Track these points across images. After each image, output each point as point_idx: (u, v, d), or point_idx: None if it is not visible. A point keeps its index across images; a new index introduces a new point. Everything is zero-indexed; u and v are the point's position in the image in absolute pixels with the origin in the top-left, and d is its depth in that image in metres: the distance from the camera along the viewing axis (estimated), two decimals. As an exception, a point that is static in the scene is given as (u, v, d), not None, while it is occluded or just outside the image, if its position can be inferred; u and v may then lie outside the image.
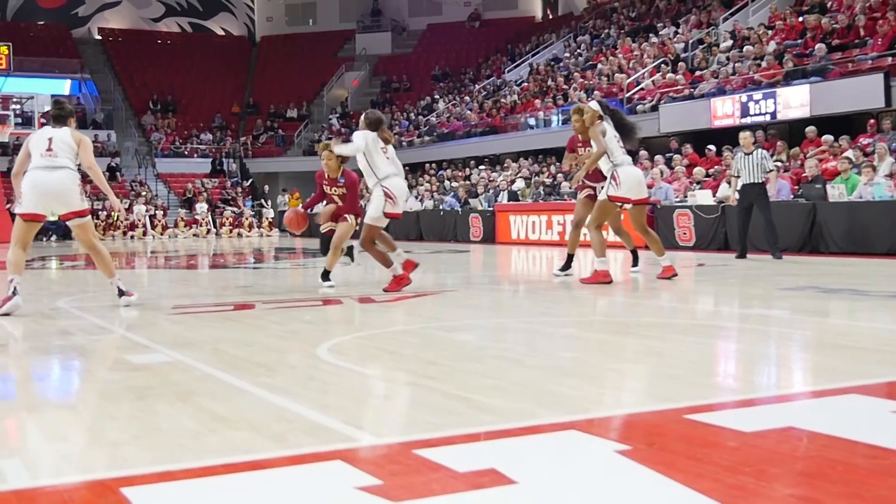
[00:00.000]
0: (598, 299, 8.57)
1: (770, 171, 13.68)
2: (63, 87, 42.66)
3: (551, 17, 42.37)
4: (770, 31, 22.79)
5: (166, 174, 38.36)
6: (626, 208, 9.99)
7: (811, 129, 18.29)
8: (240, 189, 37.88)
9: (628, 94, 24.60)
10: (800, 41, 21.48)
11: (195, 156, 40.07)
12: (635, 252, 11.55)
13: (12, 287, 7.71)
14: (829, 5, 22.23)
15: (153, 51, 45.39)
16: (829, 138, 17.40)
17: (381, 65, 45.24)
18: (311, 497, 2.66)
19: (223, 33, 49.22)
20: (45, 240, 29.35)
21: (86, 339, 6.27)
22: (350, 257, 12.80)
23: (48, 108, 37.60)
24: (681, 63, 24.23)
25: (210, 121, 41.91)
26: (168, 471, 2.89)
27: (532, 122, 28.50)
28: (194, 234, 32.82)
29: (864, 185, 14.45)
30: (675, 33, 27.02)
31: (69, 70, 41.99)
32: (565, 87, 28.25)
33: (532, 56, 35.26)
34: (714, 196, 16.62)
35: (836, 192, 14.45)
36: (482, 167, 27.96)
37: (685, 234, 16.43)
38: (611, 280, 9.69)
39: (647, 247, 10.60)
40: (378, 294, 9.03)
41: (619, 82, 25.55)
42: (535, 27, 41.40)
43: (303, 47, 45.63)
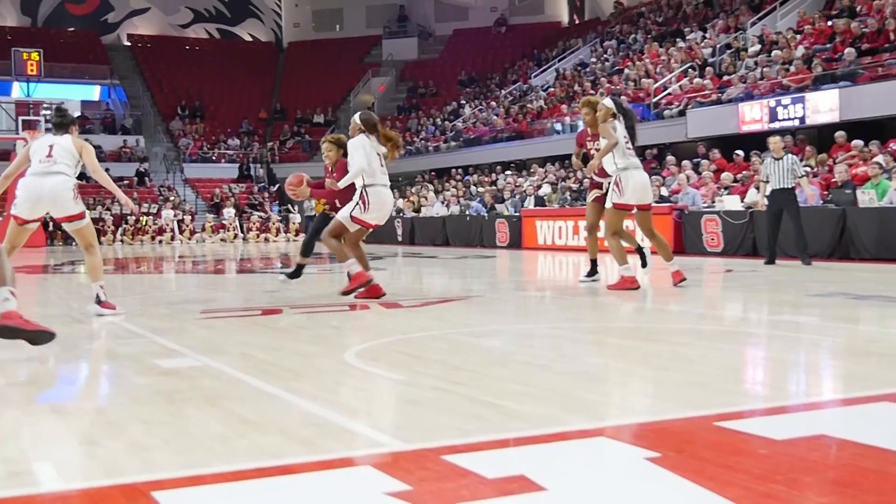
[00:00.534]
0: (624, 305, 8.53)
1: (801, 177, 13.57)
2: (92, 92, 43.05)
3: (578, 22, 42.30)
4: (798, 36, 22.64)
5: (194, 179, 38.58)
6: (631, 213, 9.84)
7: (840, 134, 18.13)
8: (267, 194, 38.07)
9: (655, 100, 24.51)
10: (829, 45, 21.32)
11: (223, 161, 40.28)
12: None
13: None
14: (858, 9, 22.05)
15: (181, 57, 45.71)
16: (858, 143, 17.25)
17: (408, 70, 45.33)
18: (341, 502, 2.67)
19: (251, 39, 49.50)
20: (74, 244, 29.59)
21: (115, 343, 6.32)
22: (298, 273, 10.79)
23: (78, 113, 37.97)
24: (708, 68, 24.11)
25: (237, 126, 42.15)
26: (198, 475, 2.91)
27: (558, 127, 28.44)
28: (222, 239, 32.99)
29: (894, 190, 14.32)
30: (703, 38, 26.90)
31: (99, 76, 42.36)
32: (592, 92, 28.16)
33: (558, 61, 35.22)
34: (742, 201, 16.53)
35: (866, 197, 14.32)
36: (508, 172, 27.94)
37: (713, 239, 16.33)
38: (638, 286, 9.58)
39: (654, 251, 10.50)
40: (405, 299, 9.03)
41: (646, 87, 25.47)
42: (561, 32, 41.34)
43: (329, 53, 45.80)
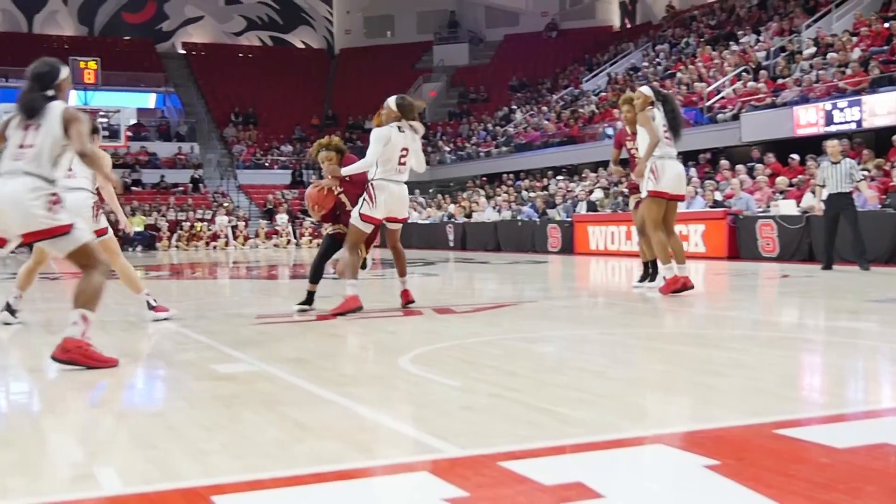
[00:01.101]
0: (679, 310, 8.46)
1: (859, 181, 13.37)
2: (148, 100, 43.68)
3: (629, 26, 42.08)
4: (855, 38, 22.30)
5: (247, 185, 38.97)
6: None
7: (899, 137, 17.84)
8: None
9: (708, 103, 24.29)
10: (886, 47, 20.98)
11: (275, 167, 40.64)
12: (648, 265, 10.56)
13: (13, 300, 7.93)
14: (916, 10, 21.71)
15: (235, 64, 46.21)
16: (917, 146, 16.97)
17: (459, 76, 45.39)
18: (399, 508, 2.68)
19: (303, 46, 49.91)
20: (130, 250, 30.01)
21: (172, 348, 6.40)
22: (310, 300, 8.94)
23: (134, 121, 38.56)
24: (762, 71, 23.83)
25: (290, 133, 42.50)
26: (257, 479, 2.94)
27: (610, 131, 28.25)
28: (275, 245, 33.25)
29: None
30: (757, 41, 26.61)
31: (154, 84, 42.99)
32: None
33: (610, 65, 35.06)
34: (798, 206, 16.32)
35: (925, 201, 14.08)
36: (560, 177, 27.85)
37: (768, 244, 16.13)
38: (692, 285, 9.33)
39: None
40: (457, 305, 9.04)
41: (699, 91, 25.24)
42: (612, 36, 41.16)
43: (381, 59, 46.03)
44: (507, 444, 3.34)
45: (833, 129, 19.46)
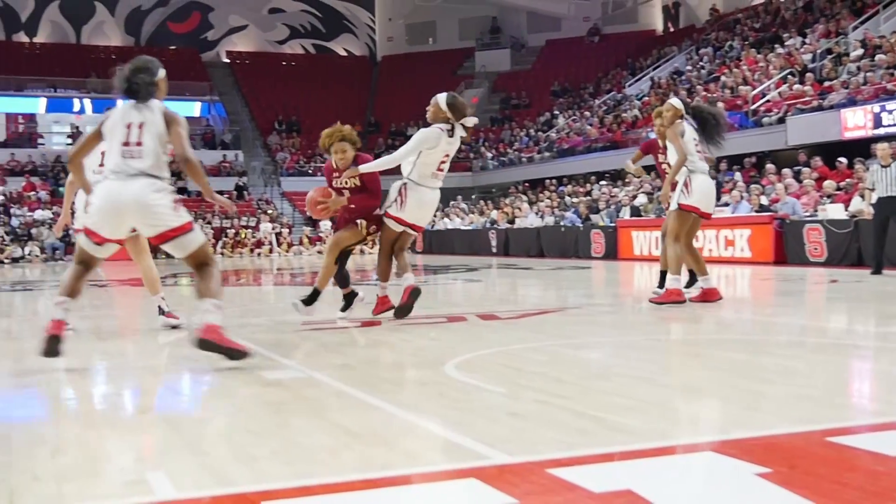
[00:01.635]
0: (726, 316, 8.39)
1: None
2: (193, 109, 44.15)
3: (672, 30, 41.85)
4: (903, 39, 22.01)
5: (291, 192, 39.22)
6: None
7: (949, 140, 17.56)
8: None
9: (753, 107, 24.08)
10: (936, 48, 20.69)
11: (319, 174, 40.81)
12: (665, 274, 9.88)
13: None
14: (967, 10, 21.37)
15: (278, 72, 46.57)
16: (968, 149, 16.67)
17: (501, 81, 45.39)
18: (448, 515, 2.68)
19: (345, 54, 50.18)
20: (165, 256, 30.31)
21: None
22: (348, 302, 8.60)
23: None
24: (808, 74, 23.59)
25: (333, 140, 42.68)
26: (307, 486, 2.95)
27: (654, 136, 28.13)
28: (319, 251, 33.42)
29: None
30: (802, 43, 26.34)
31: (199, 93, 43.42)
32: (688, 100, 27.80)
33: (653, 70, 34.88)
34: (846, 210, 16.11)
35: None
36: (603, 182, 27.75)
37: (816, 249, 15.94)
38: (684, 300, 8.94)
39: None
40: (502, 311, 9.02)
41: (744, 94, 25.03)
42: (655, 40, 40.94)
43: (423, 66, 46.15)
44: (555, 450, 3.33)
45: (882, 131, 19.21)
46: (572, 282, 14.69)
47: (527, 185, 33.13)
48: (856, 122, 20.27)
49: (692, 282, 10.13)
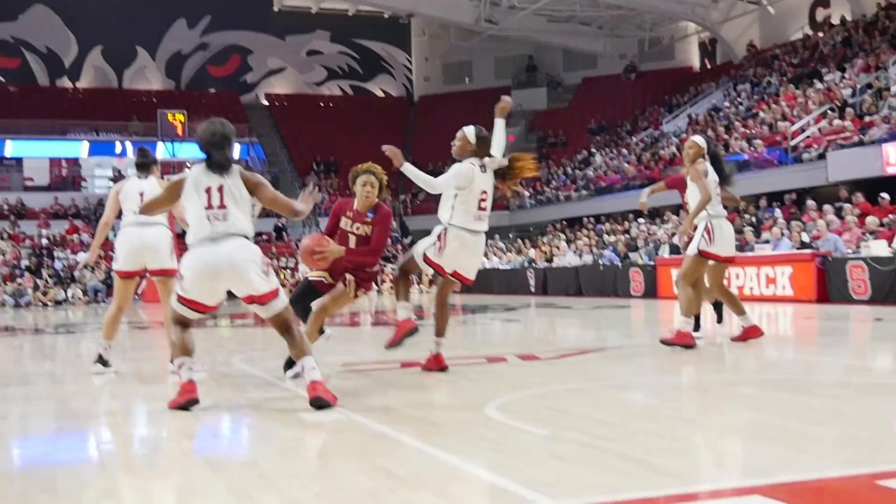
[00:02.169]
0: (769, 356, 8.29)
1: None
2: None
3: (709, 66, 41.78)
4: (944, 73, 21.83)
5: (329, 232, 39.40)
6: (709, 264, 8.98)
7: None
8: (400, 246, 38.60)
9: (793, 143, 23.92)
10: (978, 82, 20.49)
11: (358, 214, 41.01)
12: (698, 318, 9.71)
13: (106, 353, 8.01)
14: None
15: (316, 113, 46.99)
16: None
17: (537, 120, 45.49)
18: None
19: (382, 94, 50.58)
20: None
21: (261, 396, 6.47)
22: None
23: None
24: (848, 109, 23.42)
25: (371, 180, 42.90)
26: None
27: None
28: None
29: None
30: (842, 78, 26.17)
31: (238, 134, 43.16)
32: (726, 136, 27.71)
33: (690, 106, 34.80)
34: (890, 246, 15.91)
35: None
36: (642, 220, 27.62)
37: (859, 286, 15.72)
38: (694, 344, 8.72)
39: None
40: (541, 351, 8.98)
41: (783, 130, 24.88)
42: (692, 77, 40.88)
43: (459, 105, 46.30)
44: (599, 494, 3.30)
45: (924, 166, 19.00)
46: (612, 321, 14.60)
47: (564, 223, 33.07)
48: (897, 157, 20.06)
49: (698, 326, 9.65)
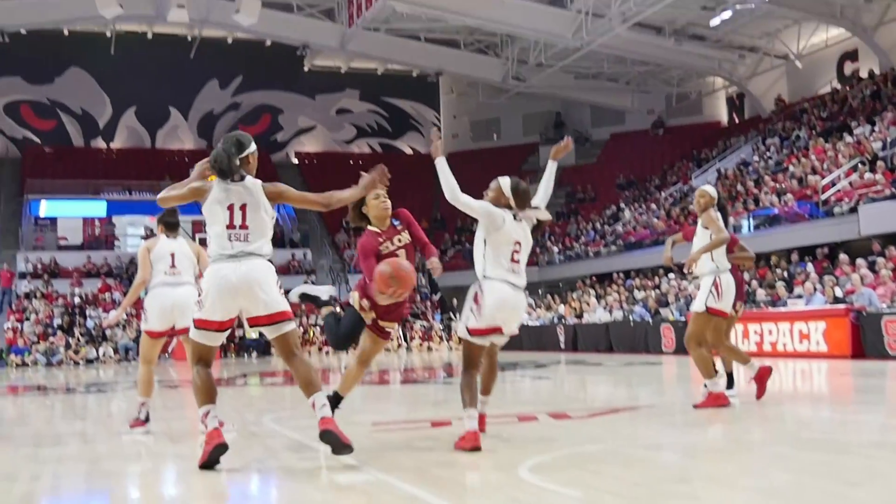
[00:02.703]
0: (804, 414, 8.16)
1: None
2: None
3: (738, 120, 41.78)
4: (976, 125, 21.70)
5: (359, 289, 39.45)
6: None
7: None
8: (429, 303, 38.59)
9: (824, 196, 23.78)
10: None
11: (388, 271, 41.06)
12: (731, 374, 9.56)
13: (144, 412, 8.01)
14: None
15: (345, 171, 47.28)
16: None
17: (566, 176, 45.56)
18: None
19: (411, 152, 50.94)
20: (245, 356, 30.62)
21: (291, 457, 6.43)
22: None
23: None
24: (879, 162, 23.29)
25: (399, 236, 43.03)
26: None
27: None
28: (385, 349, 33.48)
29: None
30: (872, 131, 26.07)
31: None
32: (756, 191, 27.61)
33: (719, 161, 34.75)
34: (925, 300, 15.72)
35: None
36: (672, 275, 27.47)
37: None
38: (728, 402, 8.56)
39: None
40: (573, 409, 8.89)
41: (814, 184, 24.76)
42: (721, 132, 40.87)
43: (488, 162, 46.49)
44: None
45: (958, 219, 18.81)
46: (643, 378, 14.46)
47: (594, 279, 32.94)
48: (930, 210, 19.89)
49: (732, 383, 9.46)
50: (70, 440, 7.91)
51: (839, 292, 17.90)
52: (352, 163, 49.01)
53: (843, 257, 20.37)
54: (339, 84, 48.29)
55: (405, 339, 34.28)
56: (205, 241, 6.17)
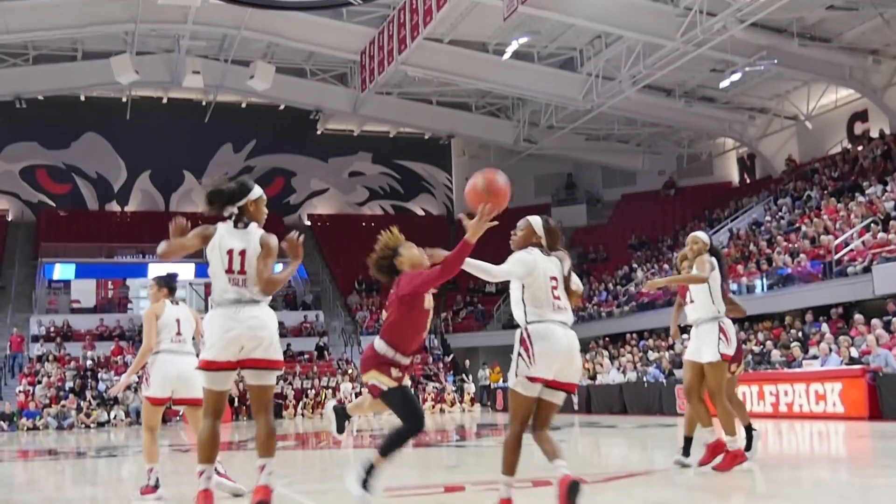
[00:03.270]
0: (823, 478, 8.05)
1: None
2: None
3: (749, 181, 41.87)
4: None
5: (371, 352, 39.33)
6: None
7: None
8: (441, 364, 38.43)
9: (837, 256, 23.72)
10: None
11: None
12: (749, 429, 9.24)
13: (154, 478, 7.93)
14: None
15: (358, 233, 47.45)
16: None
17: (577, 237, 45.63)
18: None
19: (423, 213, 51.15)
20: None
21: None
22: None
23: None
24: (892, 222, 23.26)
25: (412, 298, 43.01)
26: None
27: (734, 287, 27.80)
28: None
29: None
30: (884, 191, 26.09)
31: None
32: (768, 251, 27.57)
33: (731, 221, 34.77)
34: (942, 361, 15.58)
35: None
36: (685, 336, 27.27)
37: (913, 402, 15.34)
38: (745, 459, 8.36)
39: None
40: (587, 473, 8.78)
41: (826, 244, 24.72)
42: (732, 192, 40.95)
43: (500, 223, 46.59)
44: None
45: (973, 279, 18.72)
46: (658, 440, 14.31)
47: (607, 339, 32.82)
48: (945, 269, 19.80)
49: (750, 443, 9.10)
50: (80, 507, 7.84)
51: (854, 353, 17.76)
52: (364, 225, 49.21)
53: (857, 317, 20.27)
54: (352, 147, 48.72)
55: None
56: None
